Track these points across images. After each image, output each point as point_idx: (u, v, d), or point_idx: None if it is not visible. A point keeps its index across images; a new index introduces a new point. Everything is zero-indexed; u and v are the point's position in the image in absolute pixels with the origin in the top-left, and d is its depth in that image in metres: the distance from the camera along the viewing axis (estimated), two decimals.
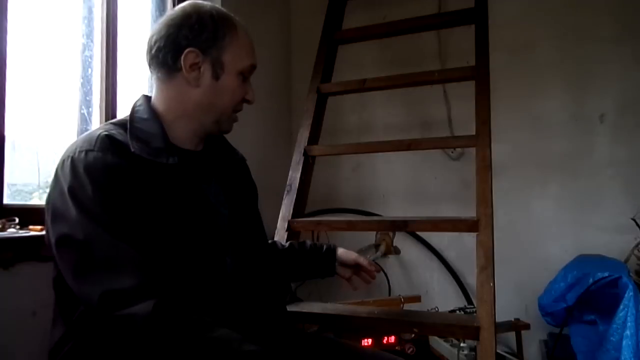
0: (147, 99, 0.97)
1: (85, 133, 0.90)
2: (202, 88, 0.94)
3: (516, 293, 2.03)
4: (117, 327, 0.75)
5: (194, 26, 0.92)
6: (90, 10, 1.58)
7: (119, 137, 0.86)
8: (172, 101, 0.94)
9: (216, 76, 0.94)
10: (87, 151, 0.82)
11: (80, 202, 0.79)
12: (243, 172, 1.11)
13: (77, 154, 0.83)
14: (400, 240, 2.23)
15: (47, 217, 0.85)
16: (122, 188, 0.81)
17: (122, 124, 0.91)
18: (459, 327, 1.31)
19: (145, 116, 0.93)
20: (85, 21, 1.57)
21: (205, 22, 0.93)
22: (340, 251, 1.25)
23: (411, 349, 1.82)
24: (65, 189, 0.81)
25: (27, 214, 1.29)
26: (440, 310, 1.97)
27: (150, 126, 0.91)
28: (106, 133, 0.86)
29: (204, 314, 0.79)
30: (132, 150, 0.85)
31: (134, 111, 0.94)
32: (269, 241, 1.25)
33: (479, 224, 1.42)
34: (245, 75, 0.99)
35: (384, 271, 2.26)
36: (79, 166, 0.81)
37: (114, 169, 0.82)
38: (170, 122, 0.94)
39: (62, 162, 0.85)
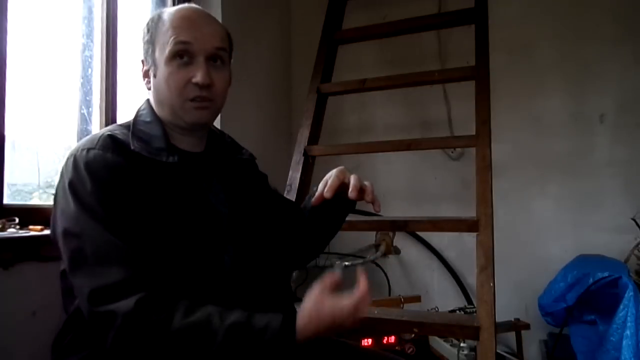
0: (149, 101, 0.99)
1: (92, 134, 0.95)
2: (151, 89, 0.96)
3: (516, 293, 2.03)
4: (97, 322, 0.77)
5: (142, 37, 0.96)
6: (90, 10, 1.58)
7: (121, 137, 0.89)
8: (153, 106, 0.98)
9: (154, 75, 0.94)
10: (88, 149, 0.86)
11: (79, 197, 0.82)
12: (249, 171, 1.10)
13: (79, 152, 0.86)
14: (400, 240, 2.23)
15: (53, 212, 0.88)
16: (121, 185, 0.83)
17: (127, 126, 0.94)
18: (459, 327, 1.31)
19: (148, 119, 0.95)
20: (85, 21, 1.57)
21: (145, 29, 0.96)
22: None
23: (411, 349, 1.82)
24: (67, 183, 0.84)
25: (27, 214, 1.29)
26: (440, 310, 1.97)
27: (152, 128, 0.93)
28: (109, 133, 0.89)
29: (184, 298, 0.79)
30: (132, 148, 0.87)
31: (137, 115, 0.97)
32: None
33: (479, 224, 1.42)
34: (181, 59, 0.90)
35: (384, 271, 2.26)
36: (80, 163, 0.84)
37: (113, 166, 0.84)
38: (166, 125, 0.96)
39: (67, 160, 0.88)
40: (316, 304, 0.79)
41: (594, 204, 2.06)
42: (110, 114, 1.57)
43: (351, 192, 0.99)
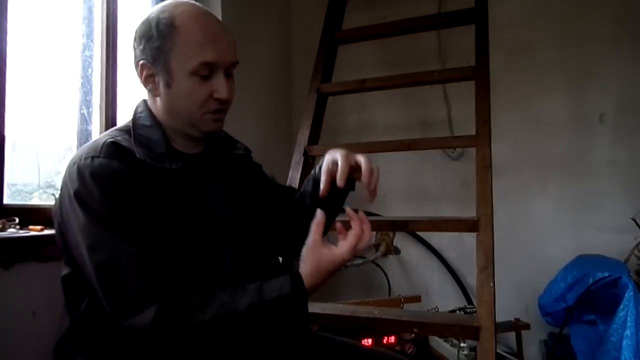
0: (147, 104, 0.98)
1: (92, 140, 0.93)
2: (161, 97, 0.93)
3: (516, 293, 2.03)
4: (128, 335, 0.80)
5: (142, 38, 0.92)
6: (90, 10, 1.58)
7: (124, 144, 0.88)
8: (154, 110, 0.96)
9: (168, 84, 0.90)
10: (92, 157, 0.85)
11: (88, 208, 0.82)
12: (244, 168, 1.10)
13: (82, 161, 0.85)
14: (400, 240, 2.23)
15: (59, 219, 0.88)
16: (127, 193, 0.83)
17: (126, 130, 0.93)
18: (459, 327, 1.31)
19: (147, 123, 0.94)
20: (85, 21, 1.57)
21: (151, 31, 0.90)
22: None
23: (411, 349, 1.82)
24: (72, 194, 0.83)
25: (27, 214, 1.29)
26: (440, 310, 1.97)
27: (152, 133, 0.93)
28: (112, 140, 0.88)
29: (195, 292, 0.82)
30: (138, 156, 0.87)
31: (135, 118, 0.96)
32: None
33: (479, 224, 1.42)
34: (202, 74, 0.89)
35: (384, 271, 2.26)
36: (85, 172, 0.83)
37: (119, 174, 0.84)
38: (166, 128, 0.95)
39: (69, 168, 0.87)
40: (315, 259, 0.85)
41: (594, 204, 2.06)
42: (110, 114, 1.57)
43: (364, 178, 0.98)
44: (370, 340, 1.78)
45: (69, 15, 1.54)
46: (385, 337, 1.81)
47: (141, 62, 0.92)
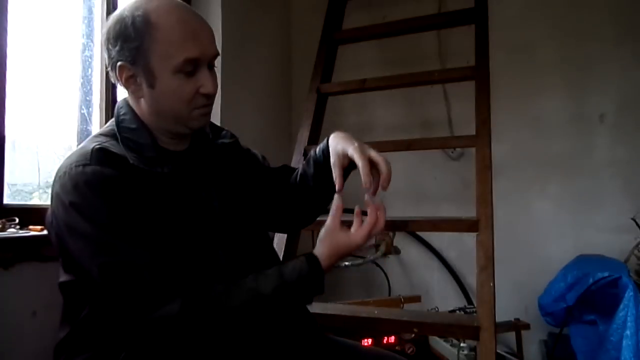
0: (130, 104, 0.96)
1: (77, 148, 0.91)
2: (145, 98, 0.91)
3: (516, 293, 2.03)
4: (154, 329, 0.81)
5: (118, 38, 0.88)
6: (90, 10, 1.58)
7: (113, 149, 0.87)
8: (138, 111, 0.94)
9: (151, 85, 0.88)
10: (84, 165, 0.83)
11: (89, 217, 0.81)
12: (233, 155, 1.07)
13: (74, 169, 0.83)
14: (400, 240, 2.23)
15: (56, 232, 0.87)
16: (123, 197, 0.83)
17: (111, 134, 0.92)
18: (459, 327, 1.31)
19: (133, 126, 0.92)
20: (85, 21, 1.57)
21: (127, 31, 0.86)
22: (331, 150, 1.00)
23: (411, 349, 1.82)
24: (69, 204, 0.82)
25: (27, 214, 1.29)
26: (440, 310, 1.98)
27: (139, 136, 0.91)
28: (99, 146, 0.86)
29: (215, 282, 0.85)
30: (131, 161, 0.86)
31: (119, 120, 0.94)
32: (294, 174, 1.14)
33: (479, 224, 1.42)
34: (186, 71, 0.87)
35: (384, 271, 2.26)
36: (79, 181, 0.82)
37: (112, 180, 0.83)
38: (152, 129, 0.93)
39: (60, 179, 0.85)
40: (333, 242, 0.90)
41: (594, 204, 2.06)
42: (110, 114, 1.57)
43: (384, 182, 0.94)
44: (370, 340, 1.78)
45: (69, 15, 1.54)
46: (385, 337, 1.81)
47: (120, 63, 0.88)
